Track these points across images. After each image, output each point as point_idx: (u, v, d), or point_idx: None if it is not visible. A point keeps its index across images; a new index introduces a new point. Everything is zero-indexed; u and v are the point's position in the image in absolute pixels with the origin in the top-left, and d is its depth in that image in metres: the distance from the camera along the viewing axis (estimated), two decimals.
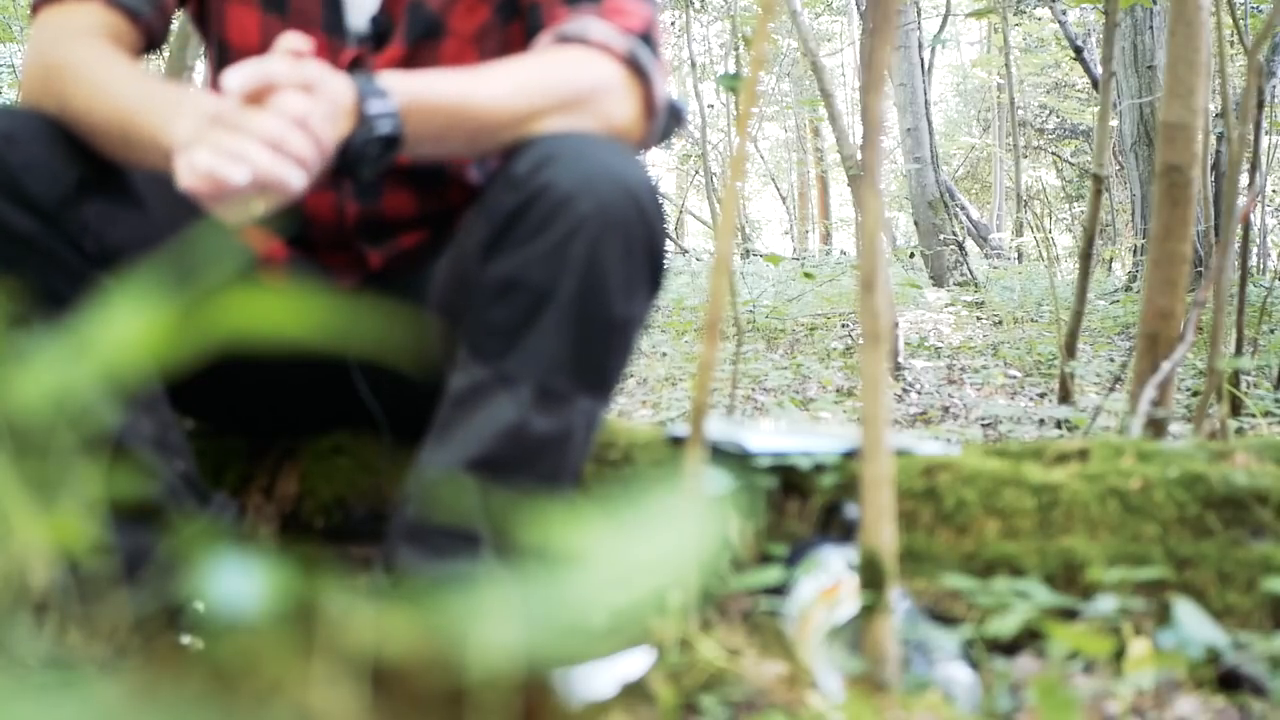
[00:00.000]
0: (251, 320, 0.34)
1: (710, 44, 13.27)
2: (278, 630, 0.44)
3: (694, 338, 4.78)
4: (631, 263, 1.00)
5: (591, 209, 0.98)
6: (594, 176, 0.99)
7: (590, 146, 1.02)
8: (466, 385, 1.02)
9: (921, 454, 1.22)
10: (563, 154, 1.00)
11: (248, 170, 0.89)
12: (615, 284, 1.00)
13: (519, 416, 0.99)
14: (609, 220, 0.98)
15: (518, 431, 1.00)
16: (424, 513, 1.01)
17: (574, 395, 1.01)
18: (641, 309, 1.04)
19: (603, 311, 1.00)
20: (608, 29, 1.11)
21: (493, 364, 1.01)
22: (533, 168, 1.00)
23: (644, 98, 1.13)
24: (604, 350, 1.02)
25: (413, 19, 1.19)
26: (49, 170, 1.01)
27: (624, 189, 1.00)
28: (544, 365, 0.99)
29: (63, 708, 0.30)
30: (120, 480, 0.95)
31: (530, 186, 0.99)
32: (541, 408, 1.00)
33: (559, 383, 1.00)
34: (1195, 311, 1.67)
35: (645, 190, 1.01)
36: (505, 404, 1.00)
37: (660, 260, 1.04)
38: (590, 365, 1.01)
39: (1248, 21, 3.12)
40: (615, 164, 1.01)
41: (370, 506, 1.28)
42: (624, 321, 1.02)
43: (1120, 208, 10.76)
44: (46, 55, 1.08)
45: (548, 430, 1.00)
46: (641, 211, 1.00)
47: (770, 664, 0.94)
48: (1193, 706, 0.93)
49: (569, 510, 0.37)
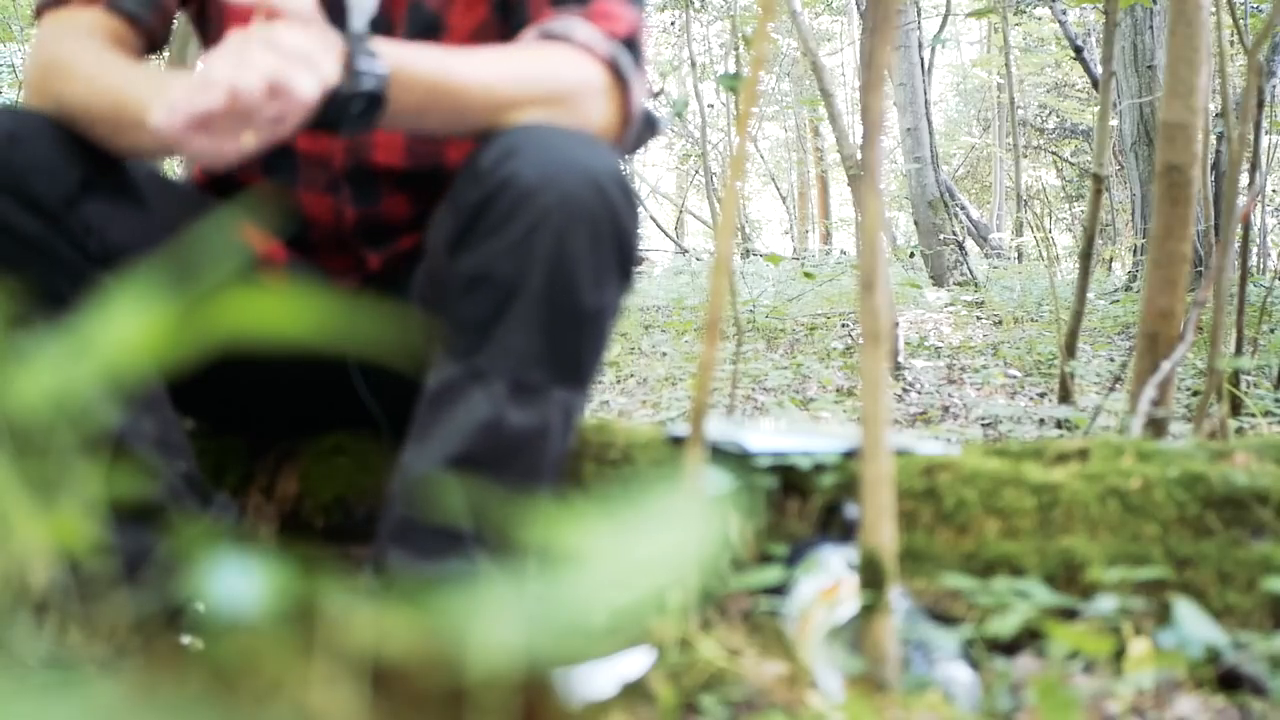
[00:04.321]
0: (251, 320, 0.34)
1: (710, 44, 13.27)
2: (278, 630, 0.44)
3: (694, 337, 4.78)
4: (599, 253, 1.00)
5: (555, 200, 0.98)
6: (557, 168, 0.99)
7: (554, 138, 1.01)
8: (441, 383, 1.02)
9: (921, 454, 1.22)
10: (526, 146, 1.00)
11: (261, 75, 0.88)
12: (583, 275, 0.99)
13: (494, 412, 0.99)
14: (573, 211, 0.98)
15: (494, 427, 0.99)
16: (410, 513, 1.01)
17: (549, 388, 1.01)
18: (613, 298, 1.03)
19: (572, 302, 0.99)
20: (592, 31, 1.11)
21: (465, 360, 1.00)
22: (496, 160, 1.00)
23: (621, 103, 1.12)
24: (576, 341, 1.01)
25: (412, 19, 1.19)
26: (52, 170, 1.01)
27: (588, 179, 0.99)
28: (516, 359, 0.99)
29: (63, 708, 0.30)
30: (121, 480, 0.95)
31: (494, 179, 0.99)
32: (517, 402, 1.00)
33: (533, 376, 1.00)
34: (1195, 311, 1.67)
35: (611, 179, 1.01)
36: (480, 400, 0.99)
37: (630, 249, 1.03)
38: (563, 357, 1.01)
39: (1248, 21, 3.12)
40: (580, 154, 1.00)
41: (370, 506, 1.28)
42: (595, 312, 1.01)
43: (1120, 208, 10.76)
44: (45, 55, 1.10)
45: (524, 424, 1.00)
46: (607, 201, 1.00)
47: (770, 664, 0.94)
48: (1193, 706, 0.93)
49: (568, 509, 0.37)
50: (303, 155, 1.23)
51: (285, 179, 1.24)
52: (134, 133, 1.00)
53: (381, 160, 1.23)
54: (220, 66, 0.89)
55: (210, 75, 0.89)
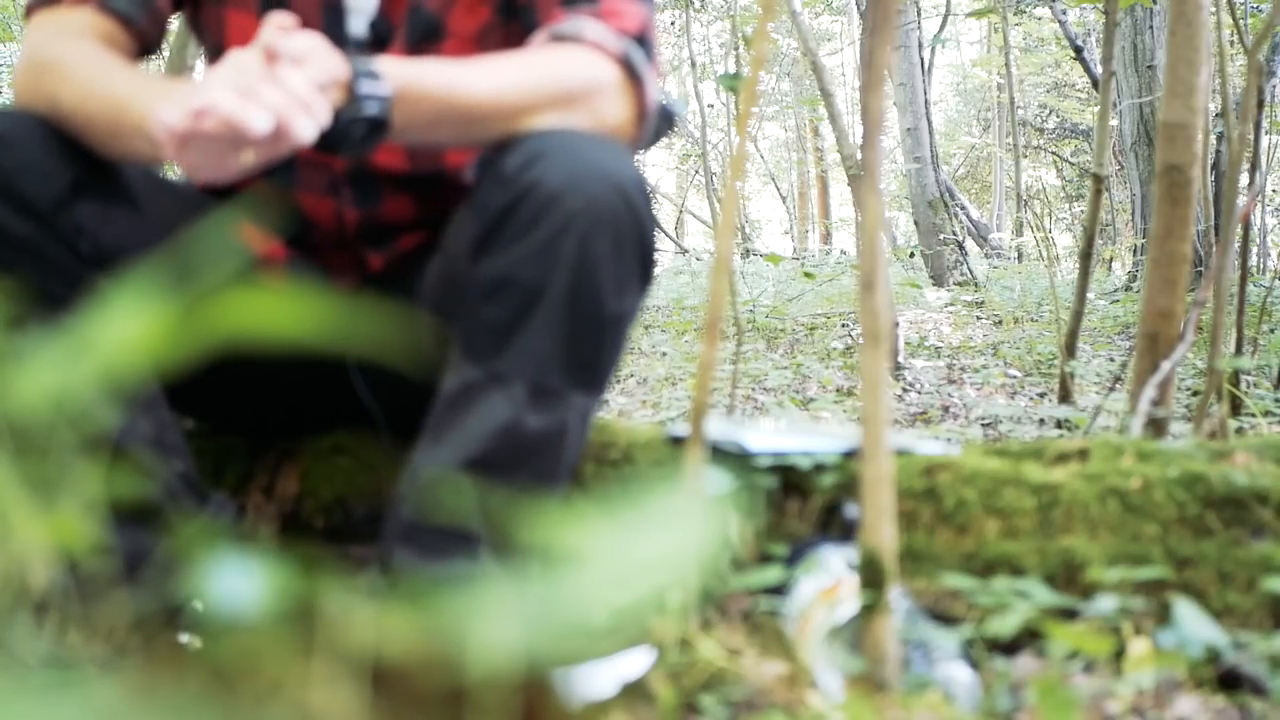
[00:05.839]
0: (250, 320, 0.34)
1: (710, 44, 13.27)
2: (278, 630, 0.44)
3: (694, 337, 4.78)
4: (622, 259, 1.00)
5: (580, 206, 0.98)
6: (582, 173, 0.99)
7: (579, 143, 1.02)
8: (460, 385, 1.02)
9: (921, 454, 1.22)
10: (551, 151, 1.00)
11: (268, 115, 0.89)
12: (606, 280, 1.00)
13: (513, 415, 0.99)
14: (598, 216, 0.98)
15: (512, 430, 0.99)
16: (419, 513, 1.01)
17: (567, 392, 1.01)
18: (633, 304, 1.04)
19: (594, 308, 1.00)
20: (603, 30, 1.11)
21: (485, 363, 1.00)
22: (521, 165, 1.00)
23: (636, 99, 1.12)
24: (596, 347, 1.01)
25: (412, 22, 1.19)
26: (43, 172, 1.01)
27: (613, 185, 0.99)
28: (536, 363, 0.99)
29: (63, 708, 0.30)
30: (119, 480, 0.95)
31: (519, 184, 0.99)
32: (535, 406, 1.00)
33: (552, 380, 1.00)
34: (1195, 311, 1.67)
35: (634, 186, 1.01)
36: (499, 403, 1.00)
37: (650, 255, 1.04)
38: (583, 362, 1.01)
39: (1248, 21, 3.12)
40: (604, 160, 1.01)
41: (370, 506, 1.27)
42: (616, 318, 1.02)
43: (1120, 208, 10.76)
44: (38, 55, 1.09)
45: (542, 428, 1.00)
46: (631, 207, 1.00)
47: (770, 664, 0.94)
48: (1193, 706, 0.93)
49: (568, 510, 0.37)
50: (302, 159, 1.23)
51: (284, 181, 1.24)
52: (131, 139, 1.00)
53: (383, 162, 1.23)
54: (223, 96, 0.90)
55: (212, 101, 0.89)
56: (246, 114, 0.89)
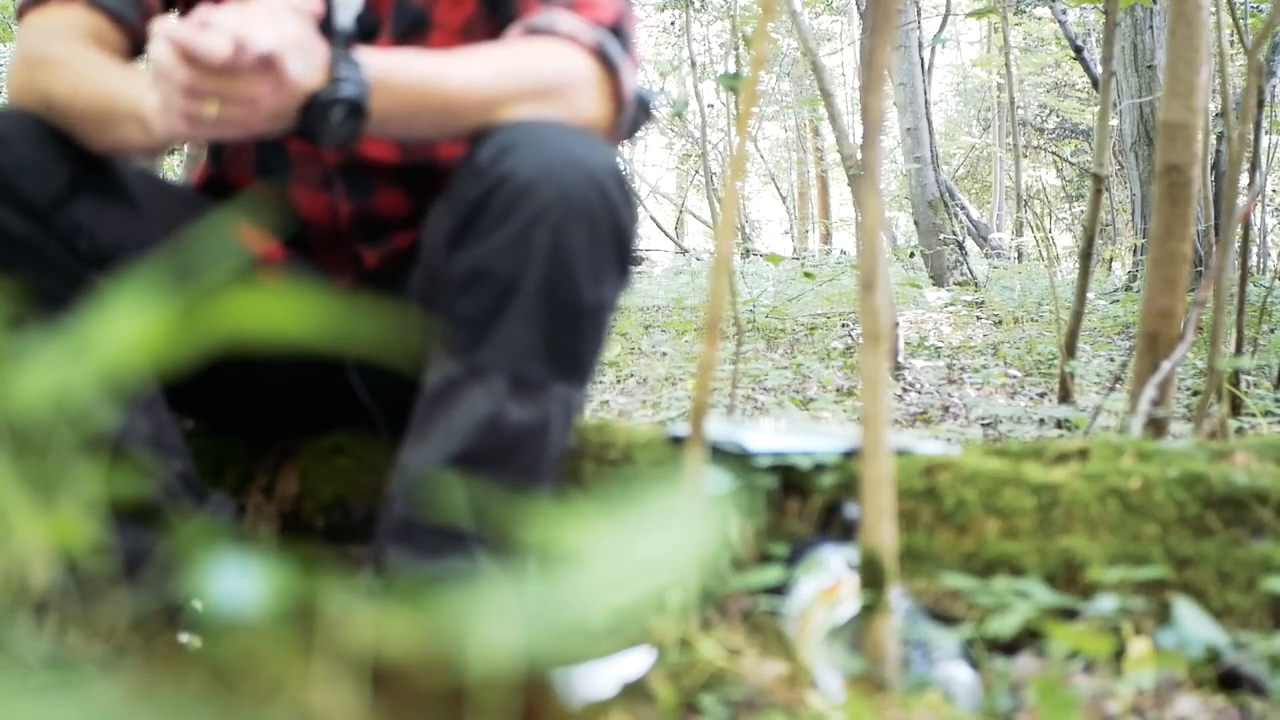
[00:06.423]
0: (249, 320, 0.34)
1: (710, 44, 13.27)
2: (278, 630, 0.44)
3: (694, 337, 4.78)
4: (598, 248, 1.00)
5: (553, 196, 0.98)
6: (555, 163, 0.99)
7: (551, 133, 1.02)
8: (441, 380, 1.02)
9: (921, 454, 1.22)
10: (523, 141, 1.00)
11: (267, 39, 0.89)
12: (582, 270, 0.99)
13: (494, 408, 0.99)
14: (571, 206, 0.98)
15: (494, 423, 0.99)
16: (410, 512, 1.01)
17: (549, 383, 1.01)
18: (612, 293, 1.03)
19: (571, 298, 0.99)
20: (576, 21, 1.12)
21: (465, 357, 1.00)
22: (493, 157, 1.00)
23: (612, 90, 1.13)
24: (576, 336, 1.01)
25: (398, 15, 1.20)
26: (40, 170, 1.01)
27: (586, 174, 0.99)
28: (516, 355, 0.99)
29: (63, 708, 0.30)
30: (118, 480, 0.95)
31: (491, 176, 0.99)
32: (517, 397, 0.99)
33: (532, 371, 1.00)
34: (1195, 311, 1.67)
35: (609, 174, 1.01)
36: (480, 396, 0.99)
37: (628, 243, 1.03)
38: (563, 352, 1.01)
39: (1248, 21, 3.12)
40: (576, 149, 1.01)
41: (370, 506, 1.27)
42: (594, 307, 1.01)
43: (1120, 208, 10.76)
44: (30, 53, 1.09)
45: (525, 420, 1.00)
46: (605, 196, 1.00)
47: (770, 664, 0.94)
48: (1193, 706, 0.93)
49: (567, 509, 0.37)
50: (294, 153, 1.24)
51: (278, 178, 1.25)
52: (123, 127, 1.00)
53: (373, 154, 1.23)
54: (227, 17, 0.89)
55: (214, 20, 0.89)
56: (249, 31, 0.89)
